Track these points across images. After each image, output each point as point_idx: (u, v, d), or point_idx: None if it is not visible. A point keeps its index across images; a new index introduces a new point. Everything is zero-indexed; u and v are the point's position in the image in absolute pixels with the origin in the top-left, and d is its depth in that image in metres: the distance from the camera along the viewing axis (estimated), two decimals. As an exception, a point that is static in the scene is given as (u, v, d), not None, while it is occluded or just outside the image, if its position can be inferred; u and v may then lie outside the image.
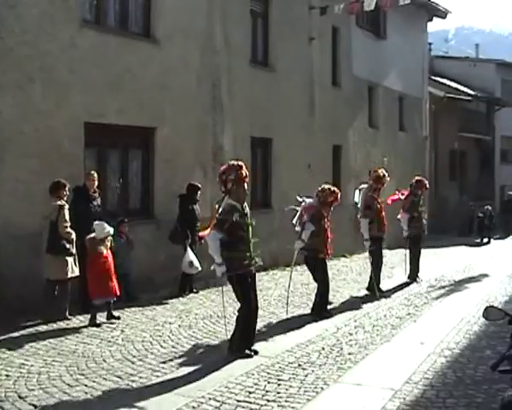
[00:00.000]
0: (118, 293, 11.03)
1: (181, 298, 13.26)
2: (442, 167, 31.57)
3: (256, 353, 8.89)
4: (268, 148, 18.14)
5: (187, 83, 15.02)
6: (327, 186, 12.12)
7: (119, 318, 11.11)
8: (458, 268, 18.33)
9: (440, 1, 29.13)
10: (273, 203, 18.09)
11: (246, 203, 9.18)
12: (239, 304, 9.13)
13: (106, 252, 10.83)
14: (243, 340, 8.88)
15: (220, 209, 8.83)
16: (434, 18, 29.10)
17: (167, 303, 12.69)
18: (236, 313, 9.22)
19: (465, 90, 36.60)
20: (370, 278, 14.15)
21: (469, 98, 35.10)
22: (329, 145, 20.96)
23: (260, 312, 11.59)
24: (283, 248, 17.67)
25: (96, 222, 10.89)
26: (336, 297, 13.58)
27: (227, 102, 16.35)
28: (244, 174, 8.87)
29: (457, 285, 15.46)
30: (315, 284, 12.14)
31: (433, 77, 33.73)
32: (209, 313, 11.89)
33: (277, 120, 18.15)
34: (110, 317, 11.04)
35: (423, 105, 28.74)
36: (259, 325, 10.85)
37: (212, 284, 14.36)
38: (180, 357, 8.89)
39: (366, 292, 14.07)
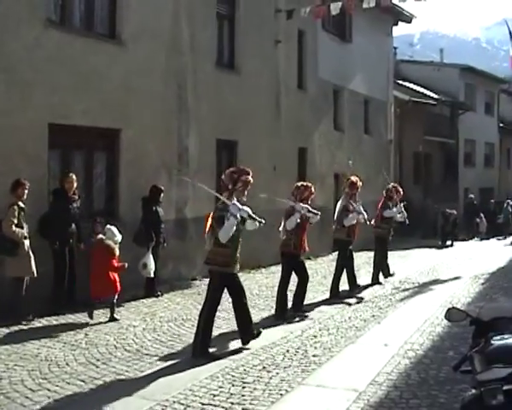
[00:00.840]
0: (118, 290, 11.46)
1: (148, 299, 13.24)
2: (407, 170, 31.86)
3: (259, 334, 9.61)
4: (234, 150, 18.15)
5: (152, 84, 14.96)
6: (300, 183, 12.73)
7: (117, 319, 11.33)
8: (422, 270, 18.49)
9: (405, 5, 29.45)
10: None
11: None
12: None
13: (117, 253, 11.43)
14: (204, 341, 8.98)
15: (219, 203, 9.28)
16: (400, 22, 29.36)
17: (132, 306, 12.63)
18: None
19: (430, 94, 36.98)
20: (348, 278, 14.65)
21: (434, 102, 35.47)
22: (295, 148, 21.03)
23: (225, 314, 11.65)
24: (248, 250, 17.74)
25: (108, 226, 11.59)
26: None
27: (193, 103, 16.32)
28: (251, 181, 9.46)
29: (422, 287, 15.60)
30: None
31: (398, 81, 34.02)
32: (174, 315, 11.86)
33: (243, 122, 18.18)
34: (112, 318, 11.33)
35: (388, 108, 28.99)
36: (224, 327, 10.88)
37: (177, 286, 14.36)
38: (144, 360, 8.85)
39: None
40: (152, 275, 13.28)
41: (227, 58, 18.11)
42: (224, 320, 11.34)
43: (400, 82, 34.96)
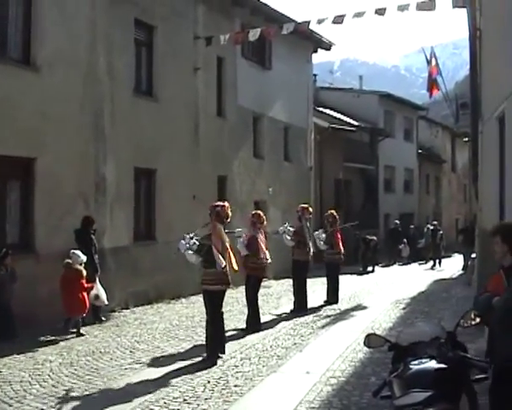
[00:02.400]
0: (87, 310, 13.24)
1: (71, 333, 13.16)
2: (327, 197, 32.25)
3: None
4: (152, 178, 18.11)
5: (69, 112, 14.83)
6: (254, 212, 15.11)
7: (83, 334, 12.84)
8: (344, 296, 18.74)
9: (325, 33, 29.99)
10: (157, 235, 18.03)
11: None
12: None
13: (84, 274, 13.02)
14: (213, 344, 10.72)
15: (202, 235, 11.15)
16: (319, 49, 29.75)
17: (48, 340, 12.41)
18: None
19: (349, 120, 37.59)
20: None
21: (353, 129, 36.08)
22: (214, 175, 21.10)
23: (144, 346, 11.59)
24: (168, 280, 17.71)
25: (72, 251, 13.00)
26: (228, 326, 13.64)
27: (110, 131, 16.24)
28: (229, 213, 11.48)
29: (343, 314, 15.87)
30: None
31: (318, 107, 34.49)
32: (91, 349, 11.69)
33: (162, 150, 18.17)
34: (79, 334, 12.84)
35: (308, 135, 29.37)
36: (144, 359, 10.81)
37: (96, 319, 14.18)
38: (60, 397, 8.71)
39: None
40: (106, 302, 14.01)
41: (145, 85, 18.13)
42: (143, 352, 11.27)
43: (320, 109, 35.43)
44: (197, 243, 11.11)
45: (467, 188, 52.72)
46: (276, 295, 19.14)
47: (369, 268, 29.38)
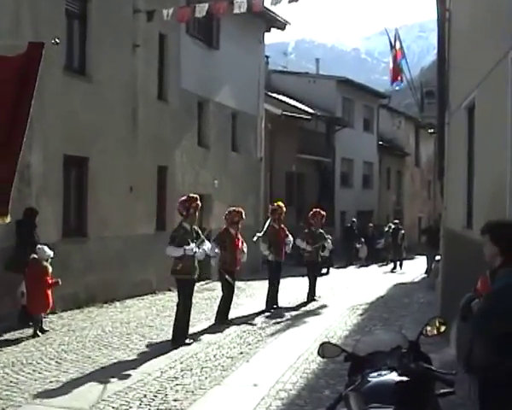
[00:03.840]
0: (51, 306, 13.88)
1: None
2: (278, 191, 32.29)
3: None
4: (84, 168, 17.84)
5: (-11, 92, 14.50)
6: (232, 208, 15.89)
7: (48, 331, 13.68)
8: (295, 301, 18.82)
9: (279, 11, 29.95)
10: (89, 231, 17.79)
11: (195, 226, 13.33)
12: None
13: (50, 270, 13.56)
14: (178, 330, 12.67)
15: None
16: (272, 29, 29.71)
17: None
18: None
19: (304, 108, 37.74)
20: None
21: (308, 117, 36.27)
22: (154, 166, 20.93)
23: (73, 356, 11.44)
24: (101, 282, 17.51)
25: (39, 246, 13.53)
26: (160, 336, 13.57)
27: (36, 114, 15.89)
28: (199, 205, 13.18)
29: (294, 320, 15.92)
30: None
31: (270, 93, 34.54)
32: (11, 360, 11.44)
33: (95, 136, 17.91)
34: (43, 330, 13.52)
35: (259, 123, 29.40)
36: (71, 371, 10.65)
37: (18, 325, 13.94)
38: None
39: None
40: None
41: (77, 63, 17.82)
42: (71, 363, 11.13)
43: (272, 94, 35.51)
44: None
45: (431, 184, 53.55)
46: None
47: (324, 270, 29.49)
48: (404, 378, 4.62)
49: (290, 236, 18.26)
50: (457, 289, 10.22)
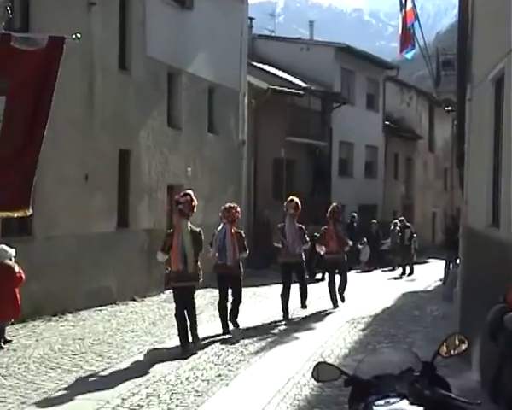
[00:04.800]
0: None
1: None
2: (264, 181, 32.26)
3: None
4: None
5: None
6: (229, 204, 16.68)
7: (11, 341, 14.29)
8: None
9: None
10: (35, 230, 17.68)
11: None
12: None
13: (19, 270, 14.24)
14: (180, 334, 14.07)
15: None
16: (256, -15, 29.84)
17: None
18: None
19: (295, 81, 37.68)
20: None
21: (300, 92, 36.17)
22: (115, 150, 20.82)
23: (13, 381, 11.37)
24: (49, 290, 17.41)
25: (0, 246, 14.10)
26: (121, 356, 13.53)
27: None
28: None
29: (283, 335, 15.92)
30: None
31: (254, 63, 34.50)
32: None
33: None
34: (5, 341, 14.13)
35: (241, 99, 29.39)
36: (10, 400, 10.57)
37: None
38: None
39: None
40: None
41: (19, 24, 17.65)
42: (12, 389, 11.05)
43: (257, 65, 35.48)
44: None
45: (448, 173, 53.62)
46: (198, 308, 19.02)
47: (318, 275, 29.51)
48: (417, 408, 4.59)
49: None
50: (480, 299, 10.21)
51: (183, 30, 24.64)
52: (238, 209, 16.67)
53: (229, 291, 16.30)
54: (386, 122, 47.79)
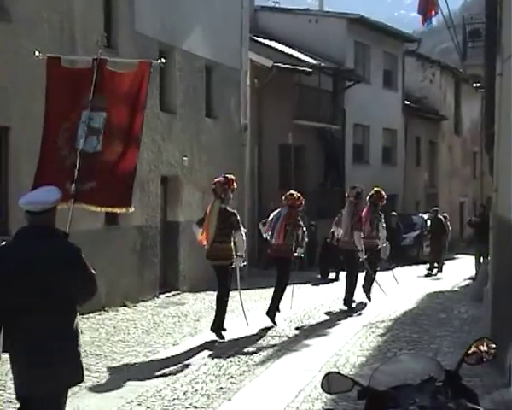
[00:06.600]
0: None
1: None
2: (269, 170, 32.26)
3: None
4: (2, 141, 17.71)
5: None
6: (291, 192, 18.78)
7: None
8: (293, 317, 18.79)
9: None
10: (12, 227, 17.59)
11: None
12: None
13: None
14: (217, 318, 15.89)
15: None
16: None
17: None
18: None
19: (303, 57, 37.66)
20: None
21: (309, 69, 36.14)
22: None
23: None
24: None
25: None
26: (111, 369, 13.50)
27: None
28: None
29: (293, 342, 15.91)
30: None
31: (257, 38, 34.48)
32: None
33: (19, 99, 17.75)
34: None
35: (242, 79, 29.36)
36: None
37: None
38: None
39: None
40: None
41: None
42: None
43: (260, 40, 35.44)
44: None
45: (477, 158, 53.60)
46: (194, 315, 19.06)
47: (332, 275, 29.47)
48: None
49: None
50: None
51: (176, 2, 24.59)
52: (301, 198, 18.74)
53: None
54: (406, 102, 47.84)
